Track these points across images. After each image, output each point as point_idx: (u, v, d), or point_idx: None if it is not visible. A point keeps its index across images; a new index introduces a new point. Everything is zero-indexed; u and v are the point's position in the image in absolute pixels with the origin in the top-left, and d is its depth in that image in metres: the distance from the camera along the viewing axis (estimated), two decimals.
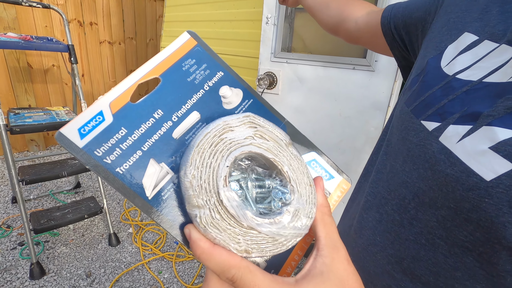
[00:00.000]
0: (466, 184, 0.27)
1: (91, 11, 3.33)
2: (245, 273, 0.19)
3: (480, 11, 0.33)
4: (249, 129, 0.23)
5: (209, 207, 0.20)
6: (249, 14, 1.69)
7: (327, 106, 1.31)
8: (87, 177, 2.85)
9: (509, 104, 0.25)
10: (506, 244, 0.25)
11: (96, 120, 0.21)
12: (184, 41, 0.25)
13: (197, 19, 2.07)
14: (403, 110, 0.37)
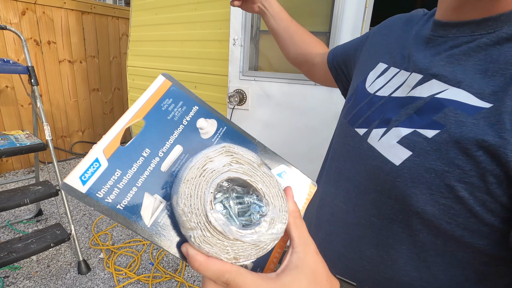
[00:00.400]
0: (385, 170, 0.36)
1: (49, 29, 3.21)
2: (236, 276, 0.23)
3: (387, 46, 0.48)
4: (226, 157, 0.27)
5: (200, 227, 0.24)
6: (216, 34, 1.78)
7: (294, 119, 1.41)
8: (50, 204, 2.68)
9: (407, 111, 0.36)
10: (414, 210, 0.33)
11: (94, 167, 0.24)
12: (160, 83, 0.28)
13: (164, 39, 2.11)
14: (342, 122, 0.49)
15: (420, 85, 0.36)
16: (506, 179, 0.28)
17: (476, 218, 0.31)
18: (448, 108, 0.32)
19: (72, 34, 3.41)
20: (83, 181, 0.24)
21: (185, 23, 1.94)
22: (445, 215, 0.32)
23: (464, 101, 0.31)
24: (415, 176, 0.33)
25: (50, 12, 3.18)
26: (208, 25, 1.82)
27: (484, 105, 0.30)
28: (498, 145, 0.28)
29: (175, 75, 2.12)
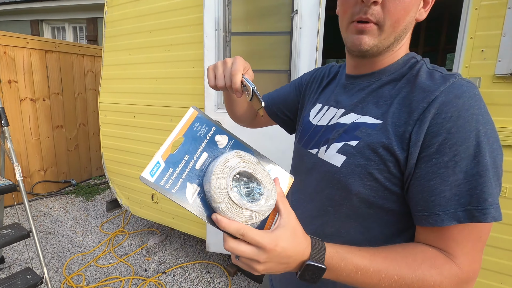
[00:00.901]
0: (332, 171, 0.54)
1: (10, 69, 3.16)
2: (247, 230, 0.38)
3: (321, 91, 0.69)
4: (237, 158, 0.43)
5: (224, 202, 0.40)
6: (189, 73, 1.96)
7: (266, 143, 1.61)
8: (12, 250, 2.50)
9: (339, 132, 0.55)
10: (354, 193, 0.51)
11: (156, 166, 0.40)
12: (191, 113, 0.44)
13: (137, 77, 2.24)
14: (297, 146, 0.68)
15: (344, 116, 0.57)
16: (396, 162, 0.47)
17: (388, 190, 0.50)
18: (361, 128, 0.52)
19: (35, 73, 3.37)
20: (151, 175, 0.40)
21: (159, 63, 2.10)
22: (371, 192, 0.50)
23: (369, 122, 0.52)
24: (350, 171, 0.51)
25: (11, 52, 3.15)
26: (181, 64, 2.00)
27: (378, 122, 0.50)
28: (388, 143, 0.48)
29: (149, 109, 2.23)
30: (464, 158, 0.43)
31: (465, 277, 0.44)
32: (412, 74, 0.51)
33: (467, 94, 0.44)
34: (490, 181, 0.43)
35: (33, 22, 6.19)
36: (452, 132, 0.43)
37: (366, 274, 0.44)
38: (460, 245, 0.44)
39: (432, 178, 0.44)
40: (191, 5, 1.88)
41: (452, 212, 0.43)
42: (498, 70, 1.18)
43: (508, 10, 1.14)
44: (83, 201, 3.53)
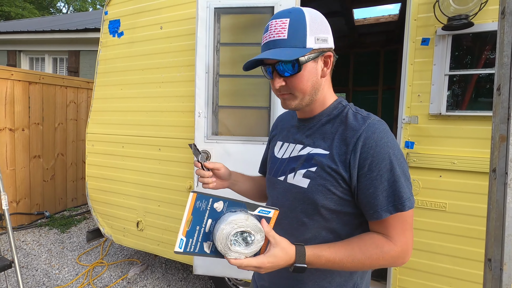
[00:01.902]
0: (302, 192, 0.72)
1: None
2: (246, 262, 0.63)
3: (281, 132, 0.90)
4: (230, 225, 0.62)
5: (229, 253, 0.63)
6: (179, 107, 2.17)
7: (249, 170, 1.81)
8: None
9: (300, 161, 0.75)
10: (320, 205, 0.70)
11: (181, 241, 0.63)
12: (192, 196, 0.62)
13: (128, 110, 2.40)
14: (268, 177, 0.87)
15: (302, 150, 0.77)
16: (343, 180, 0.68)
17: (343, 199, 0.70)
18: (315, 157, 0.72)
19: (16, 103, 3.40)
20: (180, 248, 0.63)
21: (150, 97, 2.29)
22: (332, 202, 0.70)
23: (320, 152, 0.72)
24: (314, 190, 0.71)
25: None
26: (172, 99, 2.21)
27: (327, 153, 0.71)
28: (336, 168, 0.69)
29: (139, 140, 2.38)
30: (385, 172, 0.66)
31: (399, 250, 0.67)
32: (343, 116, 0.74)
33: (379, 130, 0.67)
34: (403, 184, 0.66)
35: (11, 52, 6.19)
36: (375, 156, 0.66)
37: (334, 262, 0.66)
38: (394, 229, 0.67)
39: (369, 188, 0.67)
40: (182, 50, 2.14)
41: (386, 208, 0.66)
42: (431, 110, 1.52)
43: (434, 66, 1.51)
44: (57, 233, 3.42)
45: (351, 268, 0.67)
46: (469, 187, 1.45)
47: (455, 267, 1.49)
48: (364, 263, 0.66)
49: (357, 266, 0.67)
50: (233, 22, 1.87)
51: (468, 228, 1.46)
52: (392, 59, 4.35)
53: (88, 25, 5.43)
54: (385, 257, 0.66)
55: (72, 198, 4.14)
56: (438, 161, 1.49)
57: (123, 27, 2.39)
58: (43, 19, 9.37)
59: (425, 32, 1.52)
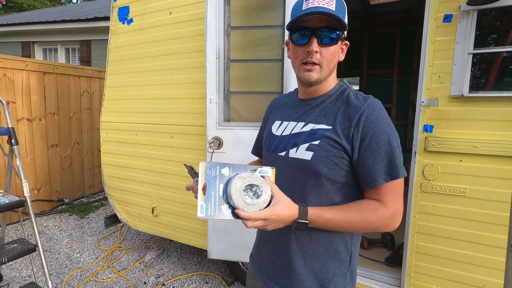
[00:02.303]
0: (305, 163, 0.78)
1: (9, 90, 3.25)
2: (255, 214, 0.66)
3: (279, 113, 0.93)
4: (239, 179, 0.68)
5: (244, 206, 0.67)
6: (190, 94, 2.15)
7: None
8: (9, 268, 2.51)
9: (303, 137, 0.80)
10: (322, 175, 0.76)
11: (202, 207, 0.67)
12: (203, 165, 0.69)
13: (139, 98, 2.41)
14: (266, 154, 0.91)
15: (305, 126, 0.82)
16: (345, 151, 0.74)
17: (344, 170, 0.76)
18: (319, 132, 0.78)
19: (32, 93, 3.48)
20: (202, 212, 0.68)
21: (161, 85, 2.29)
22: (333, 173, 0.76)
23: (324, 128, 0.78)
24: (318, 161, 0.76)
25: (11, 74, 3.26)
26: (182, 86, 2.19)
27: (330, 127, 0.77)
28: (339, 140, 0.74)
29: (151, 127, 2.39)
30: (383, 144, 0.73)
31: (392, 214, 0.74)
32: (344, 97, 0.80)
33: (378, 108, 0.75)
34: (397, 155, 0.74)
35: (25, 44, 6.29)
36: (375, 130, 0.73)
37: (334, 222, 0.73)
38: (387, 196, 0.74)
39: (369, 158, 0.74)
40: (192, 35, 2.11)
41: (382, 176, 0.73)
42: (452, 91, 1.44)
43: (457, 44, 1.42)
44: (77, 219, 3.55)
45: (347, 228, 0.74)
46: (492, 172, 1.39)
47: (475, 253, 1.46)
48: (359, 225, 0.73)
49: (354, 227, 0.73)
50: (243, 4, 1.81)
51: (489, 214, 1.41)
52: (409, 40, 4.16)
53: (98, 14, 5.43)
54: (379, 220, 0.73)
55: (89, 185, 4.27)
56: (458, 145, 1.43)
57: (132, 13, 2.37)
58: (54, 10, 9.43)
59: (447, 8, 1.43)
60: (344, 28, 0.75)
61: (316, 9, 0.71)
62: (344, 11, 0.75)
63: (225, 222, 1.90)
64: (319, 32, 0.74)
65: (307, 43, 0.75)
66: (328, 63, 0.77)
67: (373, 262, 2.05)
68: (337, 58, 0.79)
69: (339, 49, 0.78)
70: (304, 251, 0.81)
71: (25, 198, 1.95)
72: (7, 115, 2.00)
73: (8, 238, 3.02)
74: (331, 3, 0.72)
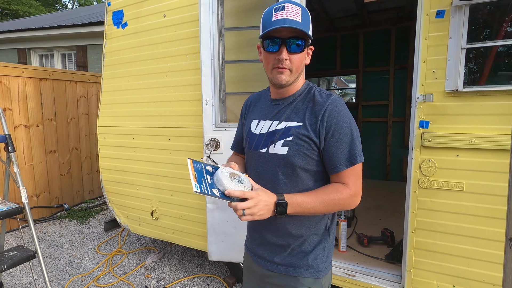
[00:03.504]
0: (282, 157, 0.90)
1: (5, 97, 3.25)
2: (245, 192, 0.78)
3: (255, 112, 1.04)
4: (224, 169, 0.82)
5: (232, 186, 0.78)
6: (186, 96, 2.15)
7: None
8: (9, 276, 2.50)
9: (279, 134, 0.91)
10: (297, 166, 0.89)
11: (195, 185, 0.76)
12: (190, 162, 0.80)
13: (136, 101, 2.41)
14: (248, 151, 1.00)
15: (279, 124, 0.92)
16: (314, 144, 0.87)
17: (314, 160, 0.89)
18: (291, 129, 0.89)
19: (29, 100, 3.47)
20: (196, 188, 0.75)
21: (157, 88, 2.29)
22: (306, 163, 0.88)
23: (295, 125, 0.89)
24: (293, 154, 0.87)
25: (7, 81, 3.26)
26: (178, 88, 2.19)
27: (300, 124, 0.88)
28: (308, 134, 0.87)
29: (148, 131, 2.39)
30: (344, 135, 0.85)
31: (354, 193, 0.86)
32: (311, 95, 0.92)
33: (340, 104, 0.87)
34: (356, 144, 0.86)
35: (21, 50, 6.28)
36: (337, 124, 0.85)
37: (307, 203, 0.83)
38: (349, 179, 0.87)
39: (332, 148, 0.86)
40: (187, 37, 2.11)
41: (343, 162, 0.86)
42: (447, 87, 1.44)
43: (450, 40, 1.42)
44: (77, 224, 3.54)
45: (319, 209, 0.84)
46: (488, 166, 1.40)
47: (473, 247, 1.46)
48: (329, 204, 0.84)
49: (324, 207, 0.84)
50: (236, 5, 1.81)
51: (487, 208, 1.41)
52: (404, 37, 4.17)
53: (93, 19, 5.43)
54: (344, 198, 0.85)
55: (88, 190, 4.26)
56: (454, 140, 1.43)
57: (127, 17, 2.37)
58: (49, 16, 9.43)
59: (440, 3, 1.43)
60: (309, 37, 0.84)
61: (285, 22, 0.80)
62: (309, 22, 0.85)
63: (224, 224, 1.89)
64: (288, 41, 0.83)
65: (277, 51, 0.84)
66: (296, 68, 0.87)
67: (374, 259, 2.05)
68: (304, 62, 0.90)
69: (305, 54, 0.89)
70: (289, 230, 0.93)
71: (24, 205, 1.94)
72: (3, 122, 1.99)
73: (8, 245, 3.02)
74: (297, 15, 0.82)
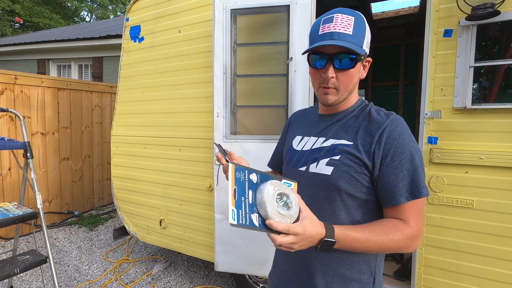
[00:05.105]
0: (325, 178, 0.77)
1: (25, 105, 3.39)
2: (289, 226, 0.61)
3: (299, 127, 0.93)
4: (272, 186, 0.64)
5: (277, 216, 0.62)
6: (198, 108, 2.22)
7: (267, 168, 1.83)
8: (20, 280, 2.54)
9: (323, 152, 0.80)
10: (342, 190, 0.75)
11: (233, 212, 0.60)
12: (232, 167, 0.63)
13: (149, 112, 2.49)
14: (286, 168, 0.90)
15: (325, 142, 0.81)
16: (366, 167, 0.73)
17: (364, 186, 0.75)
18: (339, 147, 0.77)
19: (47, 108, 3.61)
20: (233, 219, 0.60)
21: (170, 99, 2.37)
22: (354, 188, 0.75)
23: (344, 143, 0.77)
24: (338, 176, 0.76)
25: (27, 90, 3.41)
26: (190, 101, 2.27)
27: (350, 143, 0.76)
28: (360, 156, 0.74)
29: (160, 141, 2.46)
30: (406, 162, 0.72)
31: (415, 233, 0.72)
32: (366, 112, 0.80)
33: (401, 125, 0.74)
34: (420, 174, 0.72)
35: (40, 61, 6.56)
36: (398, 147, 0.72)
37: (360, 242, 0.69)
38: (410, 214, 0.73)
39: (390, 176, 0.73)
40: (200, 51, 2.19)
41: (404, 195, 0.71)
42: (455, 104, 1.46)
43: (458, 58, 1.45)
44: (86, 231, 3.59)
45: (373, 249, 0.70)
46: (498, 183, 1.39)
47: (484, 266, 1.43)
48: (386, 245, 0.70)
49: (380, 247, 0.70)
50: (249, 22, 1.89)
51: (497, 226, 1.40)
52: (413, 52, 4.20)
53: (110, 32, 5.66)
54: (404, 240, 0.70)
55: (98, 197, 4.34)
56: (463, 156, 1.44)
57: (143, 32, 2.48)
58: (68, 28, 9.85)
59: (447, 23, 1.47)
60: (362, 52, 0.73)
61: (332, 36, 0.72)
62: (364, 32, 0.74)
63: (232, 234, 1.91)
64: (334, 58, 0.74)
65: (323, 68, 0.76)
66: (345, 86, 0.77)
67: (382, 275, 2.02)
68: (356, 78, 0.78)
69: (359, 69, 0.77)
70: (324, 271, 0.79)
71: (38, 210, 2.01)
72: (24, 130, 2.08)
73: (19, 250, 3.08)
74: (348, 26, 0.72)
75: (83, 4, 19.23)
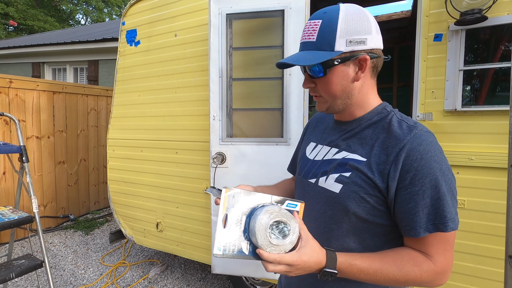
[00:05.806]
0: (333, 196, 0.69)
1: (20, 109, 3.38)
2: (281, 257, 0.57)
3: (314, 133, 0.86)
4: (267, 214, 0.59)
5: (269, 247, 0.58)
6: (194, 111, 2.24)
7: (263, 170, 1.84)
8: (14, 286, 2.52)
9: (334, 165, 0.71)
10: (351, 212, 0.66)
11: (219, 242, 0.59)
12: (225, 191, 0.61)
13: (145, 115, 2.50)
14: (298, 178, 0.83)
15: (337, 153, 0.72)
16: (379, 190, 0.64)
17: (377, 209, 0.65)
18: (351, 162, 0.68)
19: (42, 112, 3.60)
20: (218, 249, 0.59)
21: (166, 103, 2.38)
22: (364, 211, 0.66)
23: (357, 159, 0.68)
24: (347, 195, 0.67)
25: (22, 94, 3.39)
26: (186, 104, 2.28)
27: (364, 160, 0.66)
28: (372, 176, 0.64)
29: (156, 144, 2.47)
30: (429, 188, 0.60)
31: (440, 270, 0.62)
32: (386, 122, 0.68)
33: (426, 142, 0.62)
34: (447, 202, 0.60)
35: (35, 64, 6.53)
36: (419, 170, 0.60)
37: (367, 273, 0.62)
38: (433, 248, 0.62)
39: (409, 202, 0.62)
40: (196, 55, 2.21)
41: (425, 226, 0.61)
42: (446, 106, 1.50)
43: (448, 61, 1.49)
44: (82, 235, 3.57)
45: (383, 282, 0.63)
46: (488, 183, 1.43)
47: (475, 265, 1.47)
48: (399, 280, 0.61)
49: (391, 281, 0.62)
50: (244, 26, 1.92)
51: (488, 225, 1.43)
52: (407, 55, 4.27)
53: (106, 35, 5.66)
54: (423, 277, 0.61)
55: (94, 201, 4.32)
56: (455, 157, 1.47)
57: (140, 36, 2.49)
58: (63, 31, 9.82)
59: (437, 28, 1.51)
60: (330, 56, 0.64)
61: (303, 47, 0.69)
62: (331, 33, 0.64)
63: None
64: (306, 67, 0.69)
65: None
66: (327, 93, 0.69)
67: None
68: (343, 82, 0.68)
69: (344, 72, 0.67)
70: None
71: (34, 214, 2.00)
72: (19, 134, 2.08)
73: (14, 254, 3.05)
74: (313, 33, 0.66)
75: (78, 7, 19.18)
